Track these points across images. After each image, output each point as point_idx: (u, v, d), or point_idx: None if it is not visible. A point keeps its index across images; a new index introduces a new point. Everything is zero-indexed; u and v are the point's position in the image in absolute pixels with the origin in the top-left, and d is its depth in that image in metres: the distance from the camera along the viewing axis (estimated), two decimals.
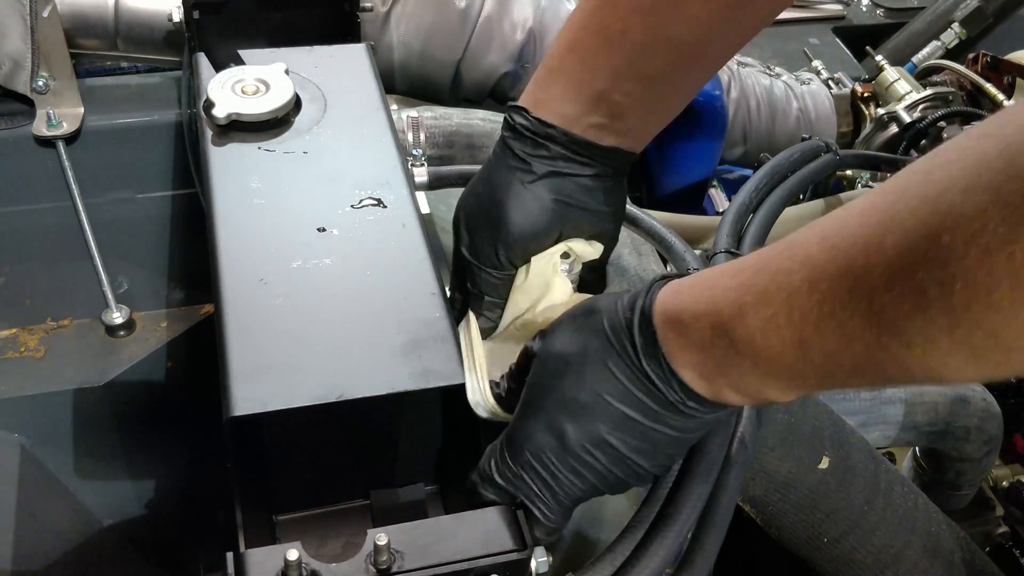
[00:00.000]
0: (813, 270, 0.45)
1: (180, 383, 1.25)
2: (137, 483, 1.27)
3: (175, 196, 1.24)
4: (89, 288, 1.22)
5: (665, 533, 0.61)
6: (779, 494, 0.80)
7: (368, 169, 0.83)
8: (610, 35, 0.62)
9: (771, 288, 0.47)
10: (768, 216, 0.92)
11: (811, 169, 1.01)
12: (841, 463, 0.81)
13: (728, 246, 0.86)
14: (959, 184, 0.38)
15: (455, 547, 0.58)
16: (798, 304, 0.45)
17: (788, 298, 0.46)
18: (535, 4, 1.33)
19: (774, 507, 0.81)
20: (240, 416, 0.61)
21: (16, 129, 1.15)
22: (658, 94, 0.65)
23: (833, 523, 0.82)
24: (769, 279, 0.48)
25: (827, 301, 0.44)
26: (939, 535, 0.86)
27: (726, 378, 0.52)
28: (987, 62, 1.44)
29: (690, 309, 0.53)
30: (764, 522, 0.83)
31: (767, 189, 0.95)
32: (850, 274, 0.43)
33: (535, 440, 0.58)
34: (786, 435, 0.79)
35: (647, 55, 0.62)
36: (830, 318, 0.44)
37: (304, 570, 0.54)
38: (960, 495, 1.08)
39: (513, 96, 1.37)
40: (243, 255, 0.73)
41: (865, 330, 0.42)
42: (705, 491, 0.64)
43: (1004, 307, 0.37)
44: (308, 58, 0.96)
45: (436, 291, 0.72)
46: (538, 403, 0.59)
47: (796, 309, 0.45)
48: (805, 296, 0.45)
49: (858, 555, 0.83)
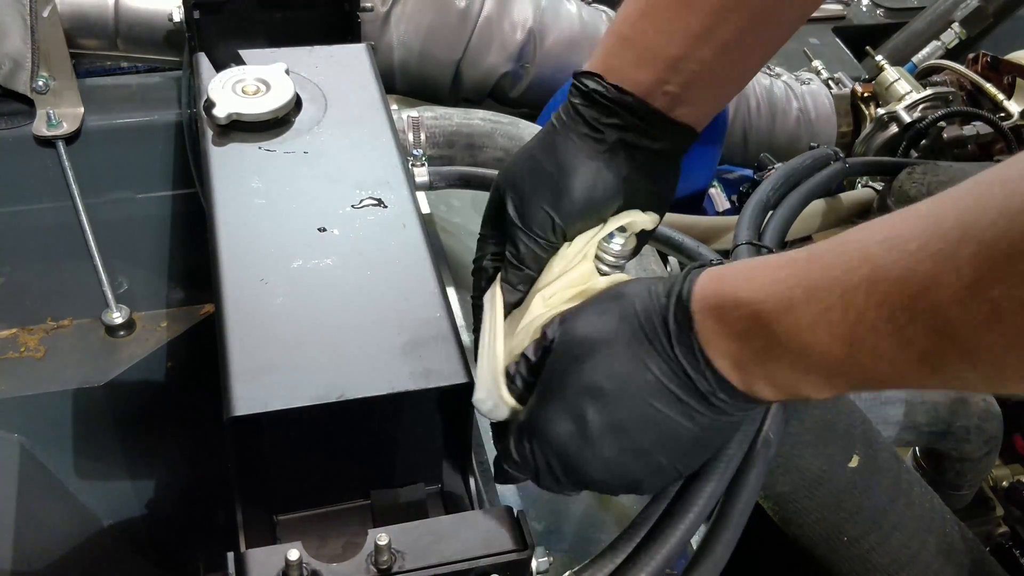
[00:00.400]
0: (874, 269, 0.43)
1: (180, 383, 1.25)
2: (137, 483, 1.27)
3: (175, 196, 1.24)
4: (89, 288, 1.22)
5: (669, 532, 0.61)
6: (807, 491, 0.79)
7: (368, 169, 0.83)
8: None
9: (825, 283, 0.46)
10: (789, 214, 0.93)
11: (824, 175, 1.02)
12: (870, 462, 0.81)
13: (749, 238, 0.86)
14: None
15: (455, 547, 0.58)
16: (854, 303, 0.44)
17: (843, 295, 0.45)
18: (535, 4, 1.33)
19: (799, 504, 0.80)
20: (240, 416, 0.61)
21: (16, 129, 1.16)
22: (731, 60, 0.63)
23: (855, 523, 0.81)
24: (822, 273, 0.46)
25: (886, 304, 0.43)
26: (952, 537, 0.86)
27: (762, 369, 0.51)
28: (987, 62, 1.44)
29: (732, 296, 0.51)
30: (783, 520, 0.83)
31: (783, 190, 0.96)
32: (914, 280, 0.41)
33: (553, 427, 0.57)
34: (822, 431, 0.79)
35: (722, 19, 0.60)
36: (888, 321, 0.43)
37: (305, 570, 0.54)
38: (960, 495, 1.08)
39: (513, 96, 1.38)
40: (243, 255, 0.73)
41: (926, 338, 0.42)
42: (719, 490, 0.62)
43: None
44: (308, 58, 0.96)
45: (436, 291, 0.72)
46: (559, 388, 0.57)
47: (852, 308, 0.44)
48: (863, 296, 0.44)
49: (875, 555, 0.83)
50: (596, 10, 1.42)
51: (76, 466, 1.22)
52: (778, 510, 0.82)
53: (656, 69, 0.62)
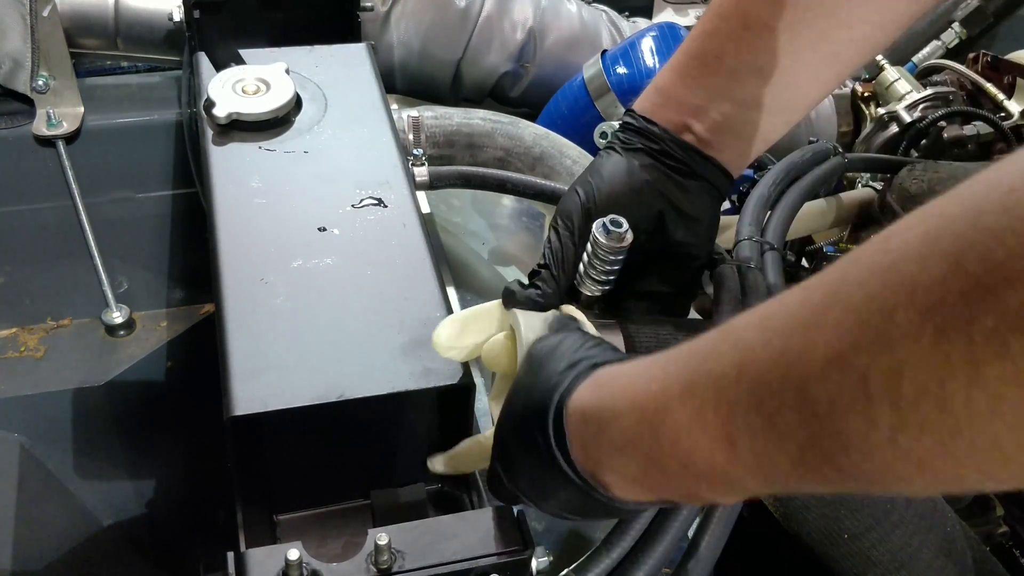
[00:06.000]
0: (744, 353, 0.38)
1: (180, 383, 1.25)
2: (137, 483, 1.27)
3: (175, 196, 1.24)
4: (89, 288, 1.22)
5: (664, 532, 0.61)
6: None
7: (368, 168, 0.83)
8: (707, 60, 0.68)
9: (699, 375, 0.41)
10: (789, 210, 0.93)
11: (823, 170, 1.03)
12: None
13: (751, 234, 0.86)
14: (916, 251, 0.31)
15: (455, 547, 0.58)
16: (726, 394, 0.39)
17: (716, 385, 0.40)
18: (535, 4, 1.33)
19: (801, 500, 0.81)
20: (240, 416, 0.61)
21: (16, 129, 1.15)
22: (752, 117, 0.68)
23: (857, 519, 0.81)
24: (697, 365, 0.42)
25: (756, 390, 0.37)
26: (953, 535, 0.86)
27: (656, 481, 0.46)
28: (987, 62, 1.44)
29: (610, 406, 0.46)
30: (783, 516, 0.83)
31: (783, 186, 0.96)
32: (783, 358, 0.36)
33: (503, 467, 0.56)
34: None
35: (738, 81, 0.67)
36: (757, 411, 0.37)
37: (305, 570, 0.54)
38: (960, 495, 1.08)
39: (513, 95, 1.38)
40: (243, 255, 0.73)
41: (797, 427, 0.36)
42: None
43: (957, 407, 0.30)
44: (309, 58, 0.96)
45: (436, 291, 0.72)
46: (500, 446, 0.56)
47: (724, 400, 0.39)
48: (733, 384, 0.38)
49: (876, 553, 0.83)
50: (596, 10, 1.42)
51: (76, 466, 1.22)
52: (779, 507, 0.82)
53: (681, 113, 0.69)
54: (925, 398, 0.30)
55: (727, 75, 0.67)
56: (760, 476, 0.40)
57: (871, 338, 0.32)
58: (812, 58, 0.66)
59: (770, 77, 0.66)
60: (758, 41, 0.65)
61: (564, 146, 1.14)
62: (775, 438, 0.37)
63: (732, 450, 0.39)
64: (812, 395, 0.34)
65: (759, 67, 0.66)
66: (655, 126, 0.70)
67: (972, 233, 0.29)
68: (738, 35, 0.66)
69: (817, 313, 0.35)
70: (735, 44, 0.66)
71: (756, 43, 0.65)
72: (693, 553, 0.63)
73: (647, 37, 1.26)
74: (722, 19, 0.67)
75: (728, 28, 0.66)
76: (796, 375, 0.35)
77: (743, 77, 0.67)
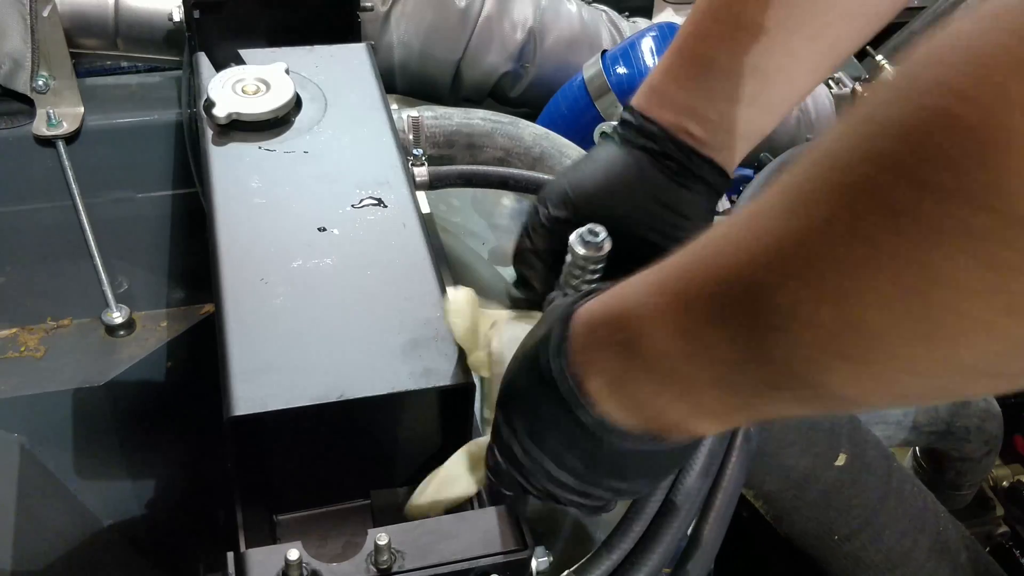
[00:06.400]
0: (705, 247, 0.42)
1: (180, 383, 1.25)
2: (137, 483, 1.27)
3: (175, 196, 1.24)
4: (89, 288, 1.22)
5: (664, 532, 0.61)
6: (795, 490, 0.80)
7: (368, 168, 0.83)
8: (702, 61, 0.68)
9: (672, 273, 0.44)
10: None
11: None
12: (857, 460, 0.81)
13: None
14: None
15: (455, 547, 0.58)
16: (687, 290, 0.42)
17: (681, 283, 0.42)
18: (535, 4, 1.33)
19: (788, 503, 0.81)
20: (240, 416, 0.61)
21: (16, 129, 1.15)
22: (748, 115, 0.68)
23: (845, 521, 0.82)
24: (673, 263, 0.44)
25: (707, 287, 0.40)
26: (946, 535, 0.87)
27: (630, 391, 0.47)
28: None
29: (599, 309, 0.49)
30: (775, 518, 0.83)
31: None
32: (735, 257, 0.39)
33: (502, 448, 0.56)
34: (806, 430, 0.79)
35: (733, 82, 0.67)
36: (711, 306, 0.40)
37: (305, 570, 0.54)
38: (960, 495, 1.09)
39: (513, 96, 1.38)
40: (243, 255, 0.73)
41: (744, 329, 0.39)
42: (705, 485, 0.63)
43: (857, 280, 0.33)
44: (308, 57, 0.96)
45: (436, 291, 0.72)
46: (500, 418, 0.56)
47: (683, 295, 0.42)
48: (698, 281, 0.41)
49: (867, 554, 0.83)
50: (596, 10, 1.42)
51: (76, 466, 1.22)
52: (769, 509, 0.82)
53: (678, 113, 0.69)
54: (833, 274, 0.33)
55: (724, 76, 0.67)
56: (713, 376, 0.42)
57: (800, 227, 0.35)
58: (810, 53, 0.66)
59: (768, 75, 0.66)
60: (754, 41, 0.65)
61: (564, 146, 1.14)
62: (727, 338, 0.39)
63: (687, 344, 0.42)
64: (755, 279, 0.37)
65: (757, 67, 0.66)
66: (654, 125, 0.70)
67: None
68: (733, 36, 0.66)
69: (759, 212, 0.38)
70: (731, 45, 0.66)
71: (753, 43, 0.65)
72: (692, 552, 0.64)
73: (647, 37, 1.26)
74: (714, 21, 0.67)
75: (721, 30, 0.66)
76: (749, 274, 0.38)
77: (741, 77, 0.67)
